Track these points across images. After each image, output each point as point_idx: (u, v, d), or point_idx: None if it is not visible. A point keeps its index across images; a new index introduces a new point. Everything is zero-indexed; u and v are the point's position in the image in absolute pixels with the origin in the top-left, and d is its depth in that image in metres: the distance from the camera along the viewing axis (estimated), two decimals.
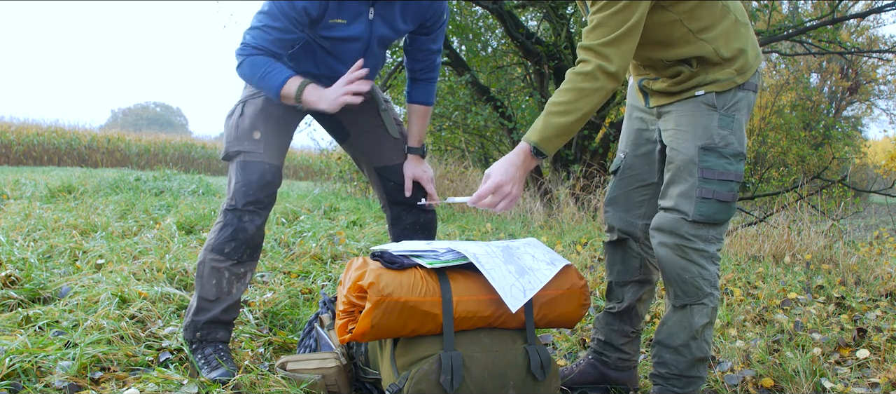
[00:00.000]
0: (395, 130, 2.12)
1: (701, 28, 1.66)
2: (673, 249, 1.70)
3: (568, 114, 1.61)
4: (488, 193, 1.68)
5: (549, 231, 5.19)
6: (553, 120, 1.62)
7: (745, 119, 1.74)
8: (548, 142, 1.64)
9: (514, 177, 1.67)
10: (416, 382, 1.51)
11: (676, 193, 1.71)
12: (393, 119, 2.13)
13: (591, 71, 1.59)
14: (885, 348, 2.37)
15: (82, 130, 20.33)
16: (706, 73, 1.69)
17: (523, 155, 1.67)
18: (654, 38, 1.68)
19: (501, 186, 1.67)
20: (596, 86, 1.59)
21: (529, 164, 1.68)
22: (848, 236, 4.88)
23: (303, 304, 2.63)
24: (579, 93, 1.60)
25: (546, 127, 1.63)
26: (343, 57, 1.96)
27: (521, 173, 1.68)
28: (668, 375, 1.78)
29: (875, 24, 15.41)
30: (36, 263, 2.88)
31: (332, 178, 9.33)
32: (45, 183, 7.05)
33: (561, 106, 1.61)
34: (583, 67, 1.61)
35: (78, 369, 1.83)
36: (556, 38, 7.14)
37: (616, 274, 1.98)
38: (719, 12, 1.67)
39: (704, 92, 1.69)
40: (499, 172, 1.67)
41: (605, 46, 1.58)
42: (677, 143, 1.71)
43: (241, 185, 1.90)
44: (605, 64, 1.58)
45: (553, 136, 1.63)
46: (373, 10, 1.90)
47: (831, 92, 18.15)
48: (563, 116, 1.61)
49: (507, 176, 1.67)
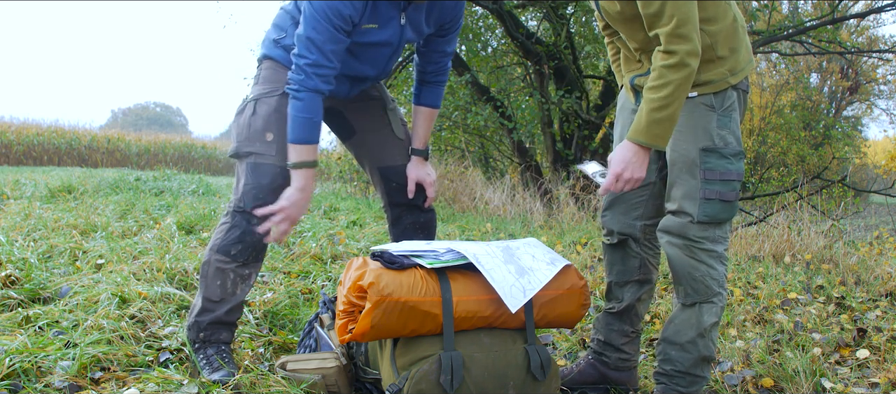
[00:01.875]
0: (400, 131, 2.09)
1: (705, 18, 1.66)
2: (682, 249, 1.73)
3: (667, 107, 1.59)
4: (611, 184, 1.68)
5: (549, 231, 5.19)
6: (658, 115, 1.60)
7: (740, 120, 1.76)
8: (660, 140, 1.63)
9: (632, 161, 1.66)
10: (416, 382, 1.51)
11: (680, 195, 1.72)
12: (399, 120, 2.11)
13: (680, 60, 1.56)
14: (885, 348, 2.37)
15: (82, 130, 20.34)
16: (698, 72, 1.69)
17: (640, 150, 1.65)
18: None
19: (620, 174, 1.67)
20: (688, 72, 1.57)
21: (644, 156, 1.67)
22: (848, 236, 4.88)
23: (303, 304, 2.63)
24: (677, 87, 1.58)
25: (659, 125, 1.61)
26: (369, 59, 1.93)
27: (641, 160, 1.67)
28: (672, 372, 1.78)
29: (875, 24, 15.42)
30: (36, 263, 2.88)
31: (332, 178, 9.33)
32: (45, 183, 7.05)
33: (661, 99, 1.59)
34: (668, 60, 1.57)
35: (78, 369, 1.83)
36: (556, 38, 7.14)
37: (615, 274, 1.98)
38: (722, 8, 1.68)
39: (697, 94, 1.70)
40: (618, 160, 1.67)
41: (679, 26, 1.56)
42: (678, 145, 1.73)
43: (250, 187, 1.87)
44: (686, 44, 1.56)
45: (664, 135, 1.62)
46: (404, 14, 1.87)
47: (831, 92, 18.14)
48: (664, 110, 1.59)
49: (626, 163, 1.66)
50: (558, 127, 7.43)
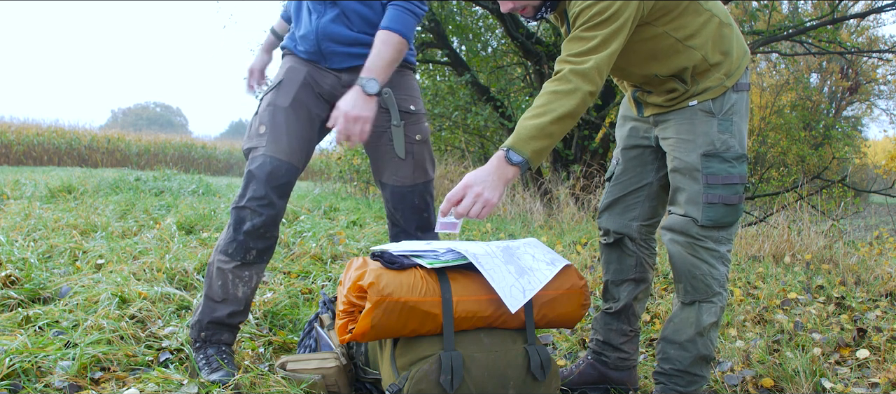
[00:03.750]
0: (402, 150, 1.97)
1: (687, 36, 1.67)
2: (684, 247, 1.73)
3: (541, 116, 1.56)
4: (458, 197, 1.57)
5: (549, 231, 5.19)
6: (525, 123, 1.57)
7: (744, 119, 1.75)
8: (523, 143, 1.56)
9: (485, 180, 1.57)
10: (416, 382, 1.51)
11: (684, 199, 1.73)
12: (404, 137, 1.97)
13: (563, 75, 1.57)
14: (885, 348, 2.37)
15: (82, 130, 20.32)
16: (697, 84, 1.71)
17: (498, 160, 1.58)
18: (642, 52, 1.69)
19: (470, 187, 1.56)
20: (569, 87, 1.55)
21: (505, 170, 1.58)
22: (848, 236, 4.88)
23: (303, 304, 2.63)
24: (552, 95, 1.56)
25: (519, 130, 1.57)
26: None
27: (495, 178, 1.57)
28: (671, 371, 1.79)
29: (875, 24, 15.40)
30: (36, 263, 2.88)
31: (332, 178, 9.33)
32: (45, 183, 7.05)
33: (533, 110, 1.58)
34: (555, 75, 1.59)
35: (78, 369, 1.83)
36: (556, 38, 7.15)
37: (612, 273, 1.99)
38: (702, 18, 1.67)
39: (697, 102, 1.71)
40: (470, 175, 1.59)
41: (577, 56, 1.57)
42: (679, 151, 1.73)
43: (245, 181, 1.87)
44: (576, 66, 1.56)
45: (527, 137, 1.56)
46: None
47: (831, 92, 18.14)
48: (536, 118, 1.56)
49: (477, 178, 1.57)
50: None
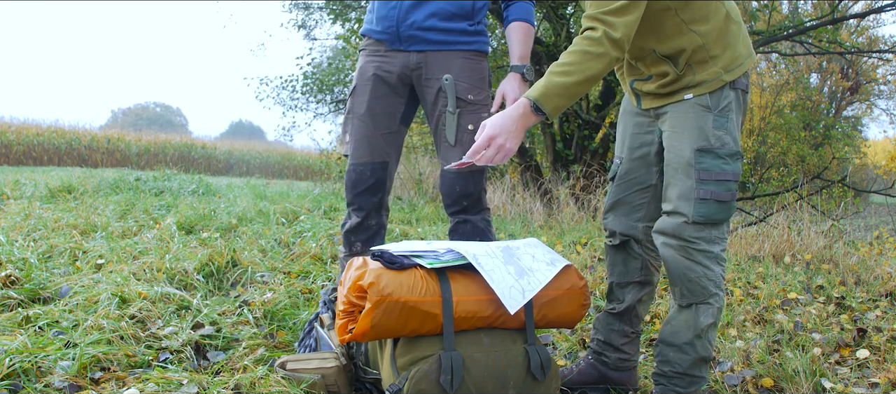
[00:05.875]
0: (453, 137, 2.06)
1: (693, 19, 1.66)
2: (677, 250, 1.72)
3: (570, 75, 1.59)
4: (482, 148, 1.64)
5: (549, 231, 5.19)
6: (554, 79, 1.60)
7: (739, 119, 1.75)
8: (548, 99, 1.60)
9: (509, 129, 1.63)
10: (416, 382, 1.51)
11: (675, 195, 1.72)
12: (457, 125, 2.06)
13: (597, 37, 1.58)
14: (885, 348, 2.37)
15: (82, 130, 20.31)
16: (693, 74, 1.70)
17: (522, 108, 1.63)
18: (645, 25, 1.68)
19: (495, 138, 1.62)
20: (600, 50, 1.58)
21: (528, 119, 1.63)
22: (848, 236, 4.88)
23: (303, 304, 2.63)
24: (584, 55, 1.58)
25: (548, 85, 1.60)
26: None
27: (518, 127, 1.63)
28: (670, 373, 1.78)
29: (875, 24, 15.38)
30: (36, 263, 2.88)
31: (333, 178, 9.33)
32: (45, 183, 7.05)
33: (563, 67, 1.59)
34: (590, 34, 1.60)
35: (78, 369, 1.83)
36: (556, 38, 7.15)
37: (617, 275, 1.98)
38: (714, 7, 1.68)
39: (693, 95, 1.70)
40: (493, 124, 1.64)
41: (609, 15, 1.58)
42: (673, 145, 1.73)
43: (344, 187, 2.15)
44: (610, 31, 1.57)
45: (554, 94, 1.60)
46: None
47: (831, 92, 18.13)
48: (565, 76, 1.59)
49: (502, 128, 1.62)
50: (558, 127, 7.43)
